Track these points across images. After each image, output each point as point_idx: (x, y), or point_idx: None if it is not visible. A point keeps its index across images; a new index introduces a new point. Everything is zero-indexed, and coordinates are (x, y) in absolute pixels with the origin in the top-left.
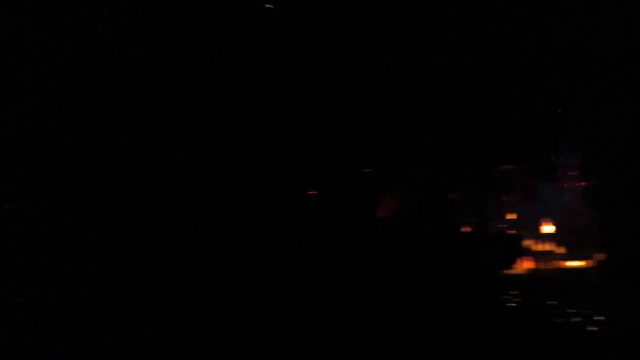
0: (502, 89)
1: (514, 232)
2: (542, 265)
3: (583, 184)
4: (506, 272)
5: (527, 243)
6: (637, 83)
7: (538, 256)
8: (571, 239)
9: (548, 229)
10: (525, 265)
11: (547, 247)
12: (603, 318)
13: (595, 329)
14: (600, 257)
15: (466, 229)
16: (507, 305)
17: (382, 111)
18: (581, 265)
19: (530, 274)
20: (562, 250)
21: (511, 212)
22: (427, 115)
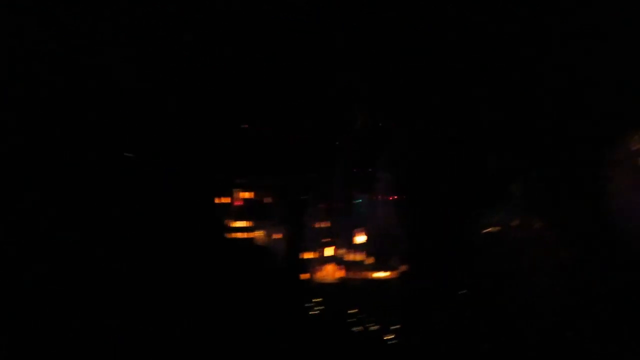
0: (320, 101)
1: (328, 239)
2: (351, 275)
3: (395, 197)
4: (318, 280)
5: (340, 252)
6: (445, 106)
7: (349, 265)
8: (380, 250)
9: (360, 238)
10: (337, 274)
11: (358, 256)
12: (399, 326)
13: (392, 336)
14: (404, 268)
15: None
16: (309, 312)
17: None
18: (386, 276)
19: (339, 283)
20: (371, 261)
21: (326, 220)
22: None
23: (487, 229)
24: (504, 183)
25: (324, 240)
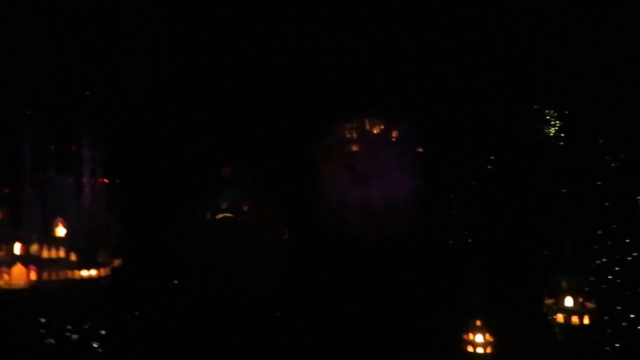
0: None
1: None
2: (49, 276)
3: (106, 180)
4: (1, 285)
5: (33, 249)
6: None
7: (45, 264)
8: (86, 244)
9: (60, 231)
10: (28, 276)
11: (59, 253)
12: (104, 332)
13: (96, 344)
14: (117, 263)
15: None
16: None
17: None
18: (95, 274)
19: (32, 288)
20: (74, 257)
21: (10, 209)
22: None
23: (218, 214)
24: (228, 169)
25: (8, 235)
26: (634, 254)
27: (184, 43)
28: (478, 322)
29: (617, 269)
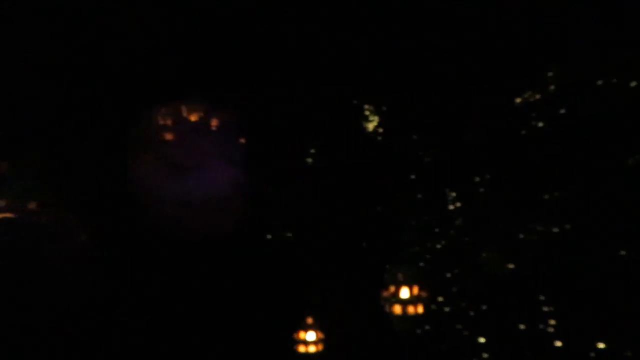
0: None
1: None
2: None
3: None
4: None
5: None
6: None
7: None
8: None
9: None
10: None
11: None
12: None
13: None
14: None
15: None
16: None
17: None
18: None
19: None
20: None
21: None
22: None
23: None
24: (5, 164)
25: None
26: (443, 242)
27: None
28: (310, 320)
29: (428, 256)
